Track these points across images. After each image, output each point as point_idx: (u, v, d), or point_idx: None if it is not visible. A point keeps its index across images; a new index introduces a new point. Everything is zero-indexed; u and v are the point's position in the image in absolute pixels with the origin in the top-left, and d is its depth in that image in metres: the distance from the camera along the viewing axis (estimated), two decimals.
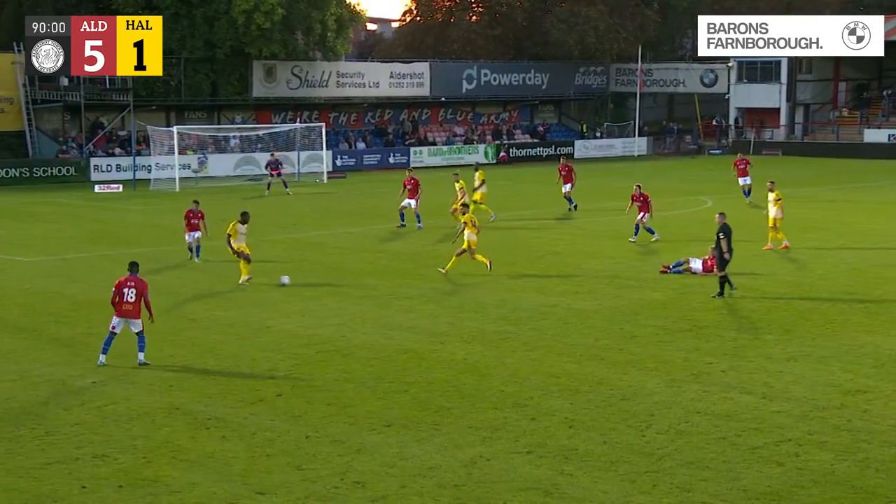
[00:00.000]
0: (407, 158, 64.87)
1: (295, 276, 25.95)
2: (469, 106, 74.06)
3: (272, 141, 59.83)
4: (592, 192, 46.72)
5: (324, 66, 65.70)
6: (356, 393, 16.13)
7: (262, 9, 57.11)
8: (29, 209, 41.49)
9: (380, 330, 20.32)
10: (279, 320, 21.12)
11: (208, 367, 17.62)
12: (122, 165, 54.85)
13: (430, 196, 44.52)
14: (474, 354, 18.44)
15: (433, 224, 36.29)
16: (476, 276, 25.90)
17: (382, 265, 27.80)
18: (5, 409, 15.30)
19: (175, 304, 22.59)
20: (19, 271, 26.96)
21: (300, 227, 34.71)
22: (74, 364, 17.78)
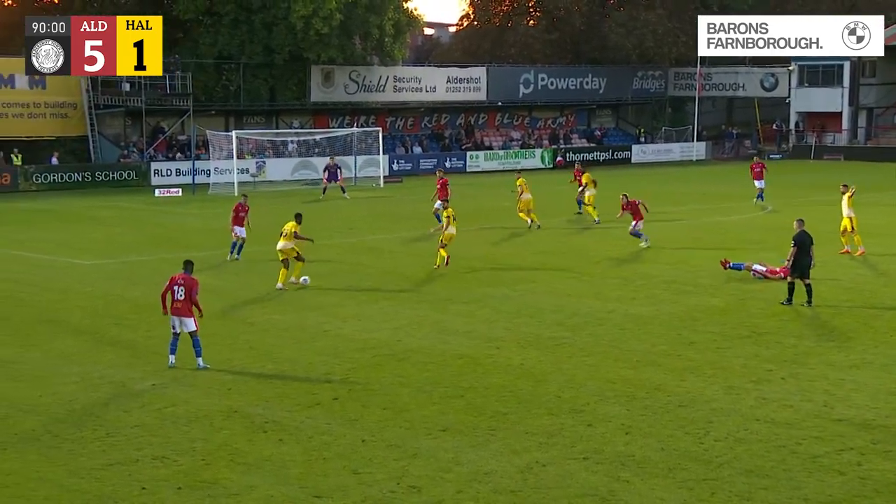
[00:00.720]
0: (463, 163, 64.97)
1: (350, 280, 26.11)
2: (526, 110, 73.95)
3: (329, 145, 60.21)
4: (649, 198, 46.39)
5: (381, 71, 66.00)
6: (412, 397, 16.16)
7: (321, 14, 57.52)
8: (91, 213, 42.18)
9: (436, 334, 20.33)
10: (335, 324, 21.23)
11: (265, 370, 17.76)
12: (182, 170, 55.54)
13: (487, 200, 44.50)
14: (530, 360, 18.38)
15: (489, 227, 36.29)
16: (532, 282, 25.86)
17: (439, 270, 27.80)
18: (67, 410, 15.55)
19: (232, 308, 22.81)
20: (81, 274, 27.41)
21: (356, 231, 34.88)
22: (135, 366, 18.02)
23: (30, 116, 55.54)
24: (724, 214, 40.00)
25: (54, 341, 19.85)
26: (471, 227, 36.13)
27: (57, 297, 24.24)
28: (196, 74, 59.75)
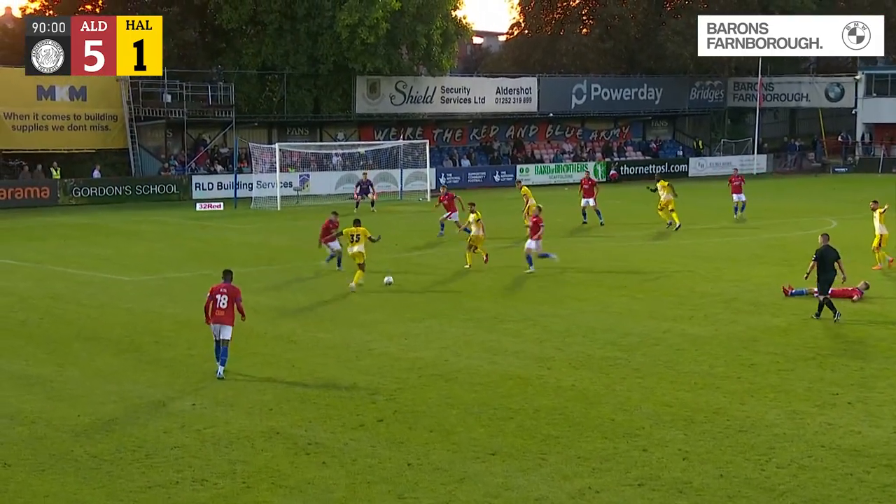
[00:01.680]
0: (513, 176, 64.87)
1: (397, 298, 26.17)
2: (578, 122, 73.81)
3: (375, 158, 60.51)
4: (707, 212, 46.08)
5: (428, 82, 66.21)
6: (460, 419, 16.14)
7: (367, 23, 57.85)
8: (131, 228, 42.69)
9: (484, 354, 20.31)
10: (381, 343, 21.28)
11: (308, 390, 17.83)
12: (224, 183, 56.05)
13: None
14: (582, 381, 18.30)
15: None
16: (584, 301, 25.76)
17: (487, 287, 27.81)
18: (106, 430, 15.71)
19: (275, 325, 22.95)
20: (121, 290, 27.72)
21: (403, 247, 34.95)
22: (175, 385, 18.17)
23: (70, 129, 56.39)
24: (787, 230, 39.61)
25: (93, 359, 20.08)
26: (520, 244, 36.09)
27: (96, 313, 24.53)
28: (239, 85, 60.35)
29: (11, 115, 54.56)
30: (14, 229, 42.30)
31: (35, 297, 26.53)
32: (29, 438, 15.32)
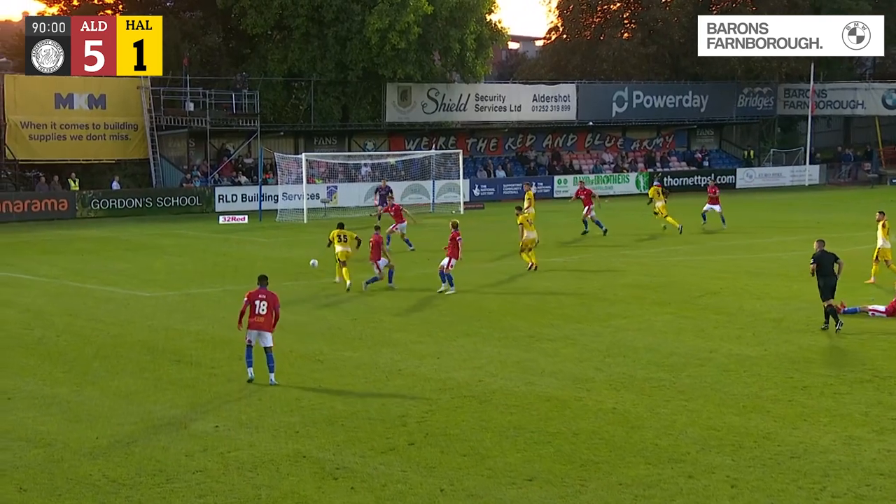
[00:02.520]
0: (550, 188, 64.92)
1: (428, 315, 26.20)
2: (619, 131, 73.72)
3: (405, 169, 60.66)
4: (756, 226, 45.86)
5: (462, 89, 66.38)
6: (494, 443, 16.12)
7: (398, 28, 58.08)
8: (152, 241, 43.00)
9: (520, 375, 20.28)
10: (411, 363, 21.30)
11: (336, 412, 17.87)
12: (248, 195, 56.37)
13: (576, 228, 44.32)
14: (624, 403, 18.23)
15: (577, 258, 36.18)
16: (625, 318, 25.68)
17: (523, 304, 27.79)
18: (126, 453, 15.80)
19: (301, 343, 23.02)
20: (141, 307, 27.91)
21: (435, 262, 34.94)
22: (197, 406, 18.26)
23: (88, 138, 56.96)
24: (840, 245, 39.27)
25: (112, 378, 20.22)
26: (557, 258, 36.10)
27: (116, 331, 24.71)
28: (264, 93, 60.72)
29: (29, 125, 55.18)
30: (31, 243, 42.72)
31: (52, 314, 26.76)
32: (45, 461, 15.44)
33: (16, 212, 51.25)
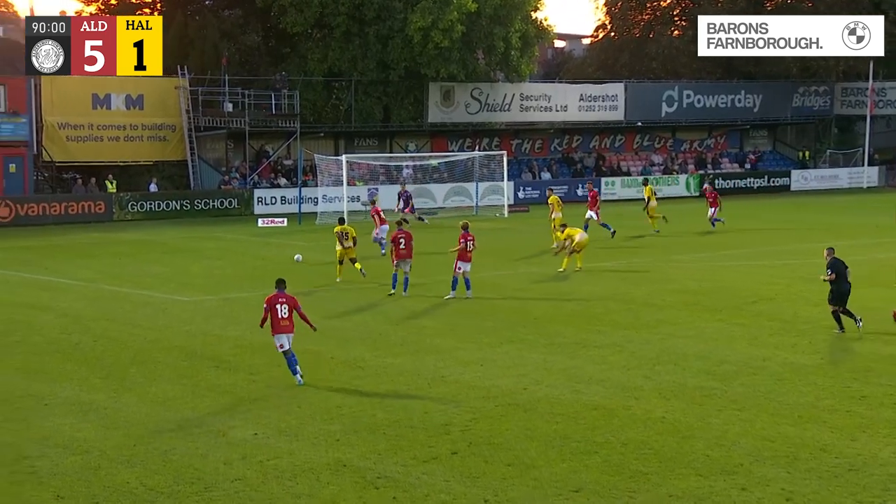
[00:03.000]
0: (597, 190, 64.56)
1: (471, 321, 26.20)
2: (668, 131, 73.41)
3: (448, 170, 60.72)
4: (812, 230, 45.48)
5: (506, 88, 66.40)
6: (540, 453, 16.09)
7: (441, 26, 58.18)
8: (190, 244, 43.33)
9: (566, 382, 20.24)
10: (455, 370, 21.31)
11: (377, 419, 17.90)
12: (287, 198, 56.68)
13: (623, 232, 44.18)
14: (674, 412, 18.14)
15: (625, 262, 36.05)
16: (675, 325, 25.55)
17: (569, 310, 27.73)
18: (163, 461, 15.92)
19: (342, 349, 23.10)
20: (179, 311, 28.13)
21: (477, 266, 34.92)
22: (235, 413, 18.37)
23: (126, 140, 57.54)
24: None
25: (150, 385, 20.39)
26: (605, 263, 35.99)
27: (153, 336, 24.92)
28: (304, 93, 61.03)
29: (65, 126, 55.83)
30: (67, 246, 43.19)
31: (89, 319, 27.03)
32: (82, 469, 15.59)
33: (52, 214, 51.84)
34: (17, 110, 53.38)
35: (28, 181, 54.26)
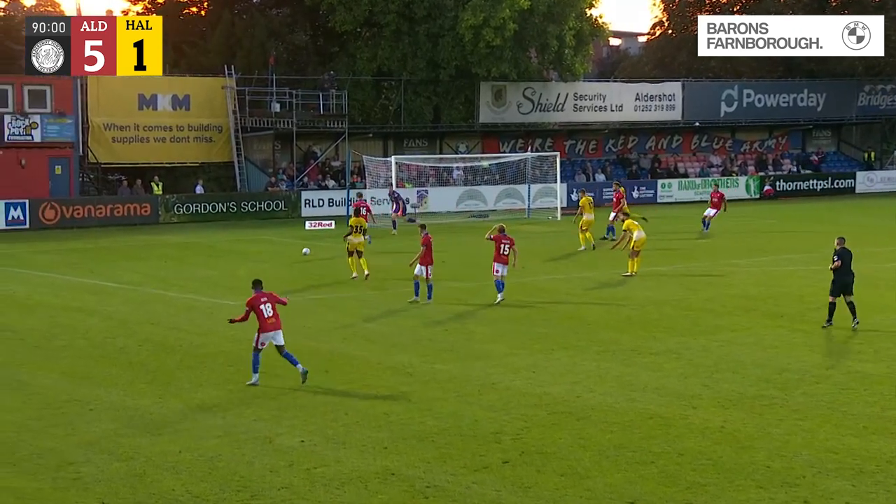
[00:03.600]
0: (653, 192, 64.45)
1: (523, 327, 26.16)
2: (728, 132, 72.91)
3: (500, 172, 60.71)
4: (878, 234, 44.97)
5: (559, 88, 66.28)
6: (594, 462, 16.04)
7: (492, 24, 58.15)
8: (236, 247, 43.63)
9: (621, 390, 20.16)
10: (506, 376, 21.30)
11: (426, 427, 17.93)
12: (335, 200, 56.90)
13: (680, 236, 43.93)
14: (733, 422, 18.01)
15: (682, 265, 35.85)
16: (734, 331, 25.39)
17: (624, 316, 27.62)
18: (209, 468, 16.03)
19: (389, 355, 23.15)
20: (225, 316, 28.24)
21: (529, 270, 34.92)
22: (282, 420, 18.46)
23: (172, 141, 58.07)
24: None
25: (195, 390, 20.55)
26: (661, 267, 35.82)
27: (199, 340, 25.11)
28: (352, 93, 61.27)
29: (111, 126, 56.44)
30: (113, 249, 43.65)
31: (134, 323, 27.30)
32: (127, 475, 15.73)
33: (98, 217, 52.40)
34: (63, 111, 54.04)
35: (74, 183, 54.90)
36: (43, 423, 18.22)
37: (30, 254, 42.01)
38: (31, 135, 53.17)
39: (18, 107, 53.00)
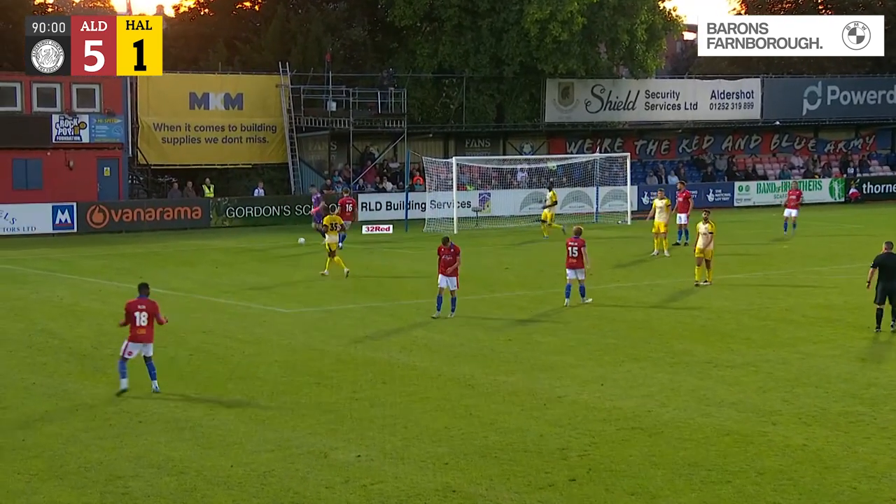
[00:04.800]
0: (730, 195, 64.00)
1: (591, 337, 26.08)
2: (810, 131, 72.19)
3: (566, 174, 60.59)
4: None
5: (630, 85, 66.00)
6: (666, 481, 15.94)
7: (559, 18, 58.06)
8: (290, 253, 43.90)
9: (695, 405, 20.03)
10: (572, 389, 21.24)
11: (489, 442, 17.92)
12: (393, 203, 57.06)
13: (759, 241, 43.55)
14: (816, 440, 17.83)
15: (760, 273, 35.56)
16: (816, 343, 25.13)
17: (699, 326, 27.45)
18: (262, 484, 16.13)
19: (450, 366, 23.17)
20: (279, 324, 28.50)
21: (597, 277, 34.81)
22: (338, 434, 18.54)
23: (224, 141, 58.61)
24: None
25: (248, 402, 20.68)
26: (738, 275, 35.55)
27: (252, 350, 25.29)
28: (412, 91, 61.44)
29: (162, 126, 57.10)
30: (163, 254, 44.11)
31: (184, 331, 27.53)
32: (178, 490, 15.88)
33: (147, 220, 52.98)
34: (112, 110, 54.76)
35: (123, 185, 55.59)
36: (91, 436, 18.45)
37: (77, 259, 42.60)
38: (79, 135, 53.95)
39: (67, 106, 53.79)
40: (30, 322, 28.98)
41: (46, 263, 40.99)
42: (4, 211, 50.77)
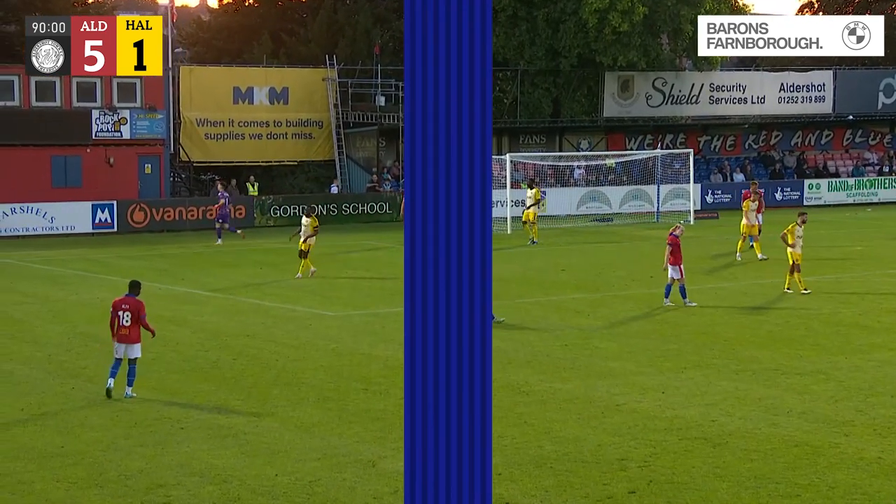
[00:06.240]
0: (800, 194, 63.53)
1: (651, 342, 26.00)
2: (886, 126, 71.60)
3: (625, 171, 60.43)
4: None
5: (694, 78, 65.76)
6: (732, 494, 15.88)
7: (619, 8, 57.99)
8: (336, 253, 44.08)
9: (762, 414, 19.92)
10: (632, 397, 21.19)
11: (544, 452, 17.92)
12: None
13: (832, 243, 43.19)
14: (891, 452, 17.68)
15: (835, 277, 35.30)
16: (892, 350, 24.91)
17: (766, 331, 27.29)
18: (308, 493, 16.23)
19: (503, 372, 23.17)
20: (325, 327, 28.64)
21: (658, 280, 34.70)
22: (386, 442, 18.60)
23: (269, 137, 58.98)
24: None
25: (293, 408, 20.80)
26: (809, 278, 35.29)
27: (297, 354, 25.43)
28: None
29: (205, 122, 57.54)
30: (206, 254, 44.45)
31: (228, 334, 27.75)
32: (221, 500, 16.00)
33: (190, 219, 53.39)
34: (154, 105, 55.26)
35: (164, 183, 56.09)
36: (132, 442, 18.64)
37: (117, 259, 43.03)
38: (119, 131, 54.50)
39: (107, 101, 54.34)
40: (70, 324, 29.32)
41: (86, 264, 41.45)
42: (43, 210, 51.39)
